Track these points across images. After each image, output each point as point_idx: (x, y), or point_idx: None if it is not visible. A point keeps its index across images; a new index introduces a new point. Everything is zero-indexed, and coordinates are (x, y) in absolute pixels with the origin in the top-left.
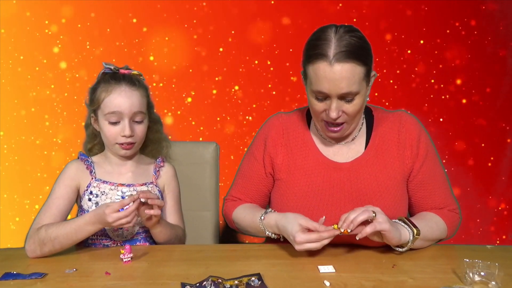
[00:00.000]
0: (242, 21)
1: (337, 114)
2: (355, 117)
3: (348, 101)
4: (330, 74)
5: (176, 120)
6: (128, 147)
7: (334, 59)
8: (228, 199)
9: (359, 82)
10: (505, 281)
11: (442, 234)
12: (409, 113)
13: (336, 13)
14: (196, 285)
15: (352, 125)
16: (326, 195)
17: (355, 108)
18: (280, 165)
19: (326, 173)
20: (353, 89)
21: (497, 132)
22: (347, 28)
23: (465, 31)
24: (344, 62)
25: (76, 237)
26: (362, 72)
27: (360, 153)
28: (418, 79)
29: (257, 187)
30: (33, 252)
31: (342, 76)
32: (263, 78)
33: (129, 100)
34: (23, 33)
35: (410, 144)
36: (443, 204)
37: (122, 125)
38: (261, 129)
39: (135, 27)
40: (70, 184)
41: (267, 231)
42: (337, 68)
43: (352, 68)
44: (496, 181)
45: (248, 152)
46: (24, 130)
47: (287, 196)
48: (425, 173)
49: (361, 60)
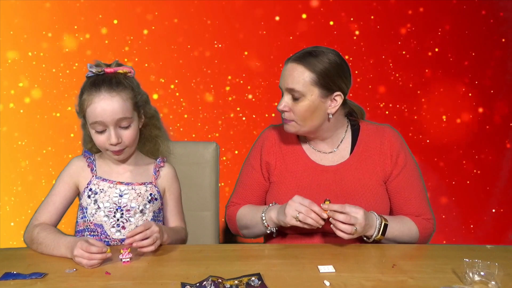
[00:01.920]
0: (242, 19)
1: (283, 107)
2: (304, 120)
3: (295, 99)
4: (285, 71)
5: (176, 120)
6: (119, 153)
7: (290, 59)
8: (230, 205)
9: (305, 85)
10: (505, 281)
11: (411, 235)
12: (393, 128)
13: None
14: (196, 285)
15: (303, 127)
16: (313, 194)
17: (300, 109)
18: (274, 170)
19: (314, 175)
20: (296, 88)
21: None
22: (330, 51)
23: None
24: (294, 62)
25: (52, 252)
26: (310, 78)
27: (345, 159)
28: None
29: (257, 194)
30: (28, 244)
31: (289, 72)
32: (264, 78)
33: (110, 108)
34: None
35: (390, 154)
36: (418, 213)
37: (108, 134)
38: (257, 141)
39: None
40: (68, 182)
41: (265, 221)
42: (288, 66)
43: (300, 69)
44: (497, 181)
45: (246, 163)
46: (24, 129)
47: (278, 196)
48: (401, 181)
49: (311, 68)
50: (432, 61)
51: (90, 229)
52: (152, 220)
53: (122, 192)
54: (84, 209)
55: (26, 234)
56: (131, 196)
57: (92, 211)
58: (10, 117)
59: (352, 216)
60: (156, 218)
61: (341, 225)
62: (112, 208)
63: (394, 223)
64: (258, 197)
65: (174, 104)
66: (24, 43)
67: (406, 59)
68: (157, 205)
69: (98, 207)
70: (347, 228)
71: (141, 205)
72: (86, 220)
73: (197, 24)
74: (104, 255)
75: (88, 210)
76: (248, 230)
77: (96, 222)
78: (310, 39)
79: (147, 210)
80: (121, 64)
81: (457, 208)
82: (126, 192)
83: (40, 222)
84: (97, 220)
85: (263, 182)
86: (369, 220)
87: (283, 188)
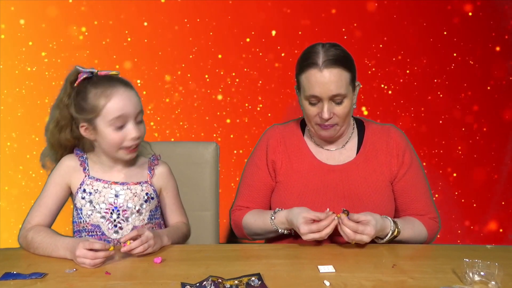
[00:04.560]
0: (244, 23)
1: (329, 115)
2: (345, 119)
3: (338, 103)
4: (321, 78)
5: (176, 120)
6: (135, 150)
7: (323, 65)
8: (235, 210)
9: (346, 86)
10: (505, 281)
11: (421, 238)
12: (397, 128)
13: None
14: (196, 285)
15: (342, 127)
16: (320, 195)
17: (345, 110)
18: (279, 169)
19: (321, 174)
20: (341, 91)
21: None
22: (331, 44)
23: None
24: (331, 67)
25: (51, 254)
26: (348, 77)
27: (352, 158)
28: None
29: (264, 194)
30: (24, 248)
31: (331, 79)
32: (267, 80)
33: (131, 101)
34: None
35: (396, 154)
36: (424, 212)
37: (128, 128)
38: (260, 140)
39: (139, 25)
40: (60, 183)
41: (279, 228)
42: (326, 73)
43: (339, 72)
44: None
45: (250, 163)
46: (23, 128)
47: (284, 196)
48: (408, 180)
49: (346, 66)
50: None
51: (87, 230)
52: (149, 220)
53: (118, 192)
54: (79, 210)
55: (21, 238)
56: (127, 196)
57: (88, 212)
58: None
59: (358, 236)
60: (153, 217)
61: (345, 231)
62: (108, 209)
63: (406, 230)
64: (265, 197)
65: (174, 104)
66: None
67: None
68: (153, 204)
69: (94, 208)
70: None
71: (138, 205)
72: (82, 221)
73: (197, 24)
74: (107, 253)
75: (84, 211)
76: (260, 236)
77: (93, 222)
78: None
79: (143, 210)
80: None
81: (458, 208)
82: (121, 193)
83: (33, 225)
84: (94, 221)
85: (270, 182)
86: (381, 231)
87: (289, 189)
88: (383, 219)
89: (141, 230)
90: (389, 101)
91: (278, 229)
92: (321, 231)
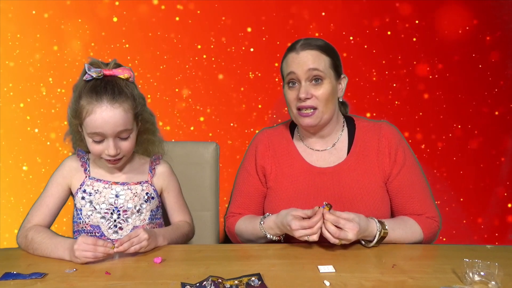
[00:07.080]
0: (237, 20)
1: (306, 94)
2: (326, 103)
3: (316, 84)
4: (297, 59)
5: (176, 120)
6: (115, 162)
7: (300, 48)
8: (228, 216)
9: (325, 67)
10: (505, 281)
11: (415, 238)
12: (390, 123)
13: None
14: (196, 285)
15: (325, 114)
16: (311, 199)
17: (324, 92)
18: (270, 175)
19: (311, 178)
20: (319, 68)
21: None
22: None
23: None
24: (308, 49)
25: (50, 255)
26: (328, 61)
27: (342, 159)
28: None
29: (256, 200)
30: (23, 248)
31: (307, 58)
32: (266, 78)
33: (112, 121)
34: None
35: (388, 152)
36: (421, 211)
37: (106, 144)
38: (250, 145)
39: (147, 28)
40: (61, 183)
41: (268, 234)
42: (302, 53)
43: (316, 53)
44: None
45: (242, 169)
46: (23, 128)
47: (275, 202)
48: (402, 180)
49: (325, 51)
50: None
51: (86, 231)
52: (150, 220)
53: (118, 192)
54: (78, 210)
55: (20, 238)
56: (127, 197)
57: (88, 212)
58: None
59: (342, 233)
60: (154, 217)
61: (328, 234)
62: (108, 209)
63: (397, 230)
64: (258, 203)
65: (174, 104)
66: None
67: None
68: (154, 204)
69: (94, 209)
70: (332, 238)
71: (138, 205)
72: (82, 221)
73: (196, 25)
74: (107, 250)
75: (83, 212)
76: (252, 242)
77: (92, 223)
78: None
79: (144, 210)
80: (120, 65)
81: (457, 208)
82: (122, 193)
83: (33, 224)
84: (93, 221)
85: (261, 188)
86: (366, 231)
87: (280, 194)
88: (368, 219)
89: (137, 230)
90: (395, 106)
91: (267, 235)
92: (313, 227)
